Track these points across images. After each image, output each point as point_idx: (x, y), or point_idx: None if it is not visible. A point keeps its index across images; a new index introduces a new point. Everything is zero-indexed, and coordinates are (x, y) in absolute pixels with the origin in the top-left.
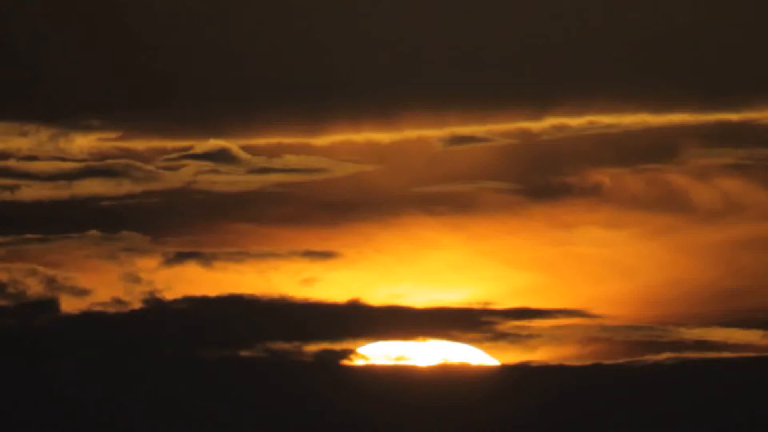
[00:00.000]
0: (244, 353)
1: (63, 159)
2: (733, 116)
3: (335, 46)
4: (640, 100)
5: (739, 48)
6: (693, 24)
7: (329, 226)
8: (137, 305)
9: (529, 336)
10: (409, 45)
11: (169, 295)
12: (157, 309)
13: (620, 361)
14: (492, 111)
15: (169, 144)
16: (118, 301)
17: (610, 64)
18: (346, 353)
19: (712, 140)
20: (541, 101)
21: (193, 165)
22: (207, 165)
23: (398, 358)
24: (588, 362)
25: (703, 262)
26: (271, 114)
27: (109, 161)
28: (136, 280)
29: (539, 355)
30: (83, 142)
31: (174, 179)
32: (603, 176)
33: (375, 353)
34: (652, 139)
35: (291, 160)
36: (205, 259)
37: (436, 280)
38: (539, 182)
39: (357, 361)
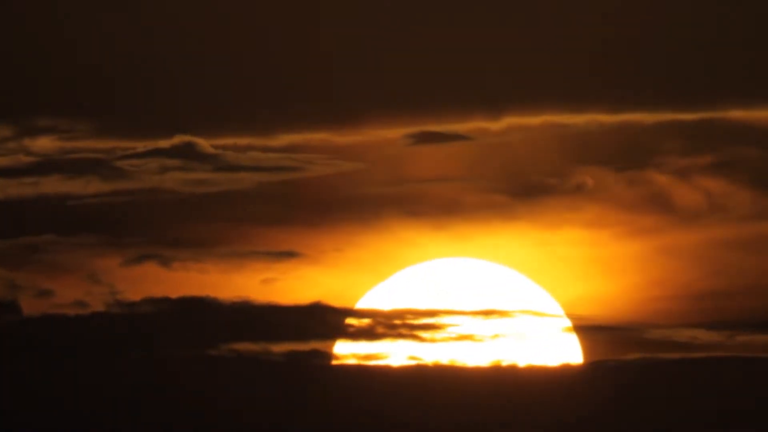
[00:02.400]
0: (212, 353)
1: (28, 155)
2: (688, 116)
3: (290, 46)
4: (592, 100)
5: (694, 48)
6: (645, 23)
7: (301, 226)
8: (99, 307)
9: (496, 337)
10: (361, 45)
11: (132, 297)
12: (119, 310)
13: (589, 361)
14: (446, 111)
15: (137, 143)
16: (80, 303)
17: (562, 64)
18: (316, 354)
19: (676, 139)
20: (497, 100)
21: (161, 164)
22: (174, 162)
23: (368, 358)
24: (558, 362)
25: (683, 263)
26: (228, 114)
27: (76, 159)
28: (98, 281)
29: (506, 355)
30: (47, 141)
31: (142, 178)
32: (585, 176)
33: (344, 353)
34: (622, 138)
35: (261, 158)
36: (168, 259)
37: (413, 279)
38: (518, 182)
39: (348, 361)
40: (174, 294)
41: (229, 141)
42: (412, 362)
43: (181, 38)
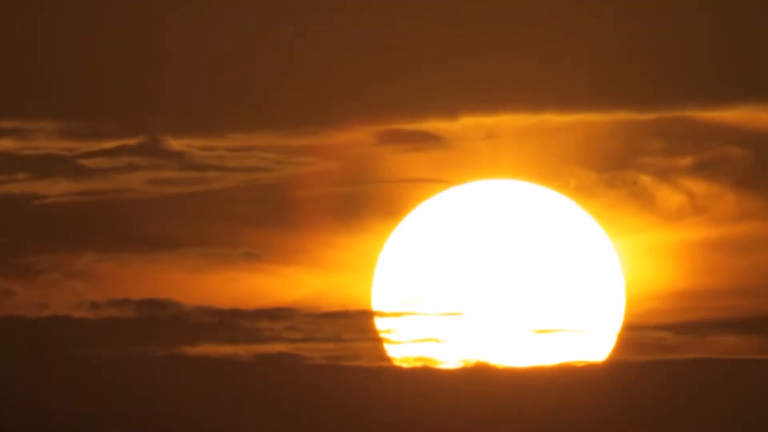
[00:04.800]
0: (176, 354)
1: None
2: (644, 116)
3: (253, 47)
4: (543, 99)
5: (660, 46)
6: (600, 21)
7: (270, 227)
8: (61, 309)
9: (466, 337)
10: (314, 46)
11: (95, 298)
12: (81, 312)
13: (555, 363)
14: (401, 111)
15: (103, 143)
16: (41, 305)
17: (515, 64)
18: (285, 356)
19: (655, 140)
20: (452, 100)
21: (128, 162)
22: (142, 161)
23: (338, 359)
24: (525, 364)
25: (662, 263)
26: (188, 115)
27: (42, 159)
28: (61, 282)
29: (476, 356)
30: (11, 142)
31: (109, 177)
32: (568, 177)
33: (314, 356)
34: (599, 138)
35: (229, 157)
36: (132, 260)
37: (390, 282)
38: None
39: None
40: (137, 296)
41: (189, 142)
42: (385, 363)
43: (143, 37)
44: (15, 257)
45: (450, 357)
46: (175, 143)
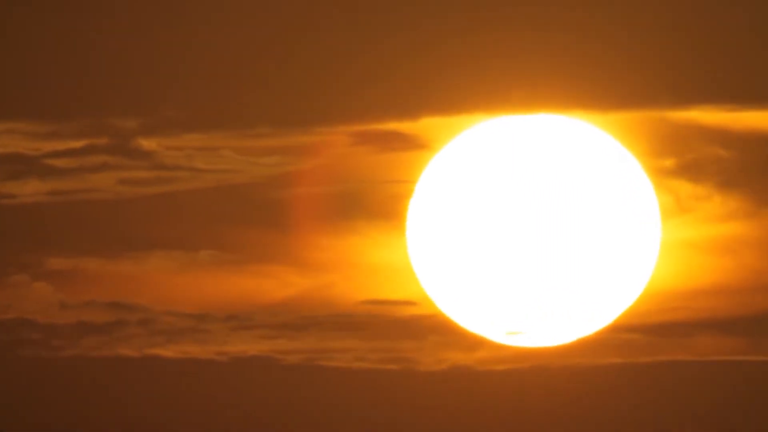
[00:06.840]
0: (151, 356)
1: None
2: (620, 116)
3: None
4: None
5: (637, 45)
6: (563, 20)
7: (245, 228)
8: (28, 311)
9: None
10: (268, 49)
11: (65, 299)
12: (48, 315)
13: (530, 365)
14: (364, 112)
15: (74, 142)
16: (7, 306)
17: (476, 62)
18: (260, 359)
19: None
20: (411, 100)
21: (100, 162)
22: (114, 161)
23: (313, 360)
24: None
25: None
26: (153, 115)
27: (12, 159)
28: (28, 283)
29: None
30: None
31: (80, 177)
32: None
33: (289, 359)
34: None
35: (199, 157)
36: (103, 263)
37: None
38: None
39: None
40: (107, 298)
41: (160, 141)
42: (363, 365)
43: (112, 36)
44: None
45: (427, 359)
46: (145, 143)
